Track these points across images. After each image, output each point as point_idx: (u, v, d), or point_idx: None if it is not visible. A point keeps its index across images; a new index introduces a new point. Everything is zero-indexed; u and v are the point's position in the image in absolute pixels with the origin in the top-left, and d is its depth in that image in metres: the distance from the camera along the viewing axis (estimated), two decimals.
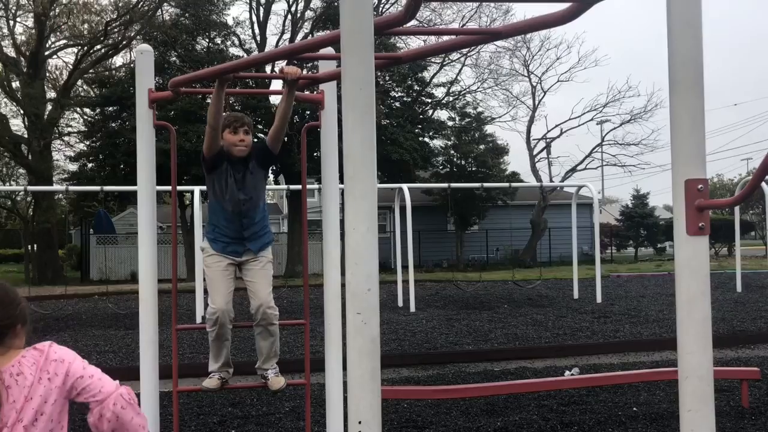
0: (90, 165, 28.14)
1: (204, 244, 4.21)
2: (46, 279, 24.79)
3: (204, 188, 15.24)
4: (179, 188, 16.68)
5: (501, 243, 32.28)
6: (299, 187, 15.98)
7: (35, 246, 27.57)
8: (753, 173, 1.98)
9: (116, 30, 26.71)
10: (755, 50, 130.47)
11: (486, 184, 19.21)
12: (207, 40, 28.74)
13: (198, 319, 12.68)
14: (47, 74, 28.66)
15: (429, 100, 32.87)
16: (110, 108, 27.45)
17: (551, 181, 30.04)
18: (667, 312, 12.21)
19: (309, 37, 27.11)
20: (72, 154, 30.06)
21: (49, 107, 27.25)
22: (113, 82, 27.64)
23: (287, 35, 29.22)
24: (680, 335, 1.88)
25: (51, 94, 28.74)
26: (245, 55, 27.87)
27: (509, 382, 6.44)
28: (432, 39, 22.26)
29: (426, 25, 29.07)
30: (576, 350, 8.87)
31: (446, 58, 30.47)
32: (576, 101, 79.02)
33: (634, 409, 5.69)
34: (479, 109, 32.82)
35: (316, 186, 15.98)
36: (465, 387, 6.15)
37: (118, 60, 30.98)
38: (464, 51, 29.39)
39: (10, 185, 32.59)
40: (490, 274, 23.73)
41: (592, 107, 31.87)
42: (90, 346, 9.88)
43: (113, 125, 27.26)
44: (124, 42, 27.17)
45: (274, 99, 27.72)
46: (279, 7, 62.19)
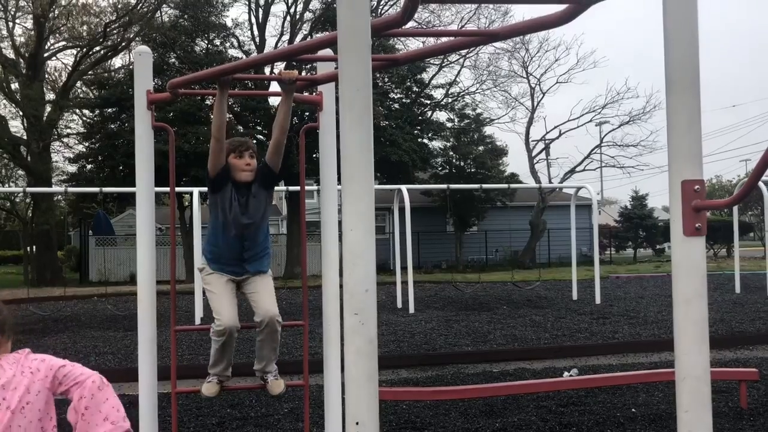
0: (89, 166, 28.14)
1: (202, 264, 4.15)
2: (45, 280, 24.79)
3: (203, 189, 15.27)
4: (178, 189, 16.69)
5: (500, 244, 32.29)
6: (298, 189, 15.95)
7: (34, 247, 27.57)
8: (750, 174, 1.98)
9: (115, 31, 26.72)
10: (754, 52, 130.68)
11: (485, 186, 19.23)
12: (206, 42, 28.75)
13: (197, 321, 12.68)
14: (46, 76, 28.66)
15: (428, 102, 32.88)
16: (109, 109, 27.46)
17: (550, 183, 30.07)
18: (666, 313, 12.21)
19: (308, 39, 27.12)
20: (71, 156, 30.07)
21: (48, 109, 27.26)
22: (112, 84, 27.66)
23: (286, 36, 29.23)
24: (677, 336, 1.88)
25: (50, 96, 28.75)
26: (244, 57, 27.88)
27: (508, 383, 6.45)
28: (430, 40, 22.29)
29: (424, 27, 29.10)
30: (575, 351, 8.88)
31: (445, 60, 30.50)
32: (575, 102, 79.34)
33: (633, 410, 5.69)
34: (478, 111, 32.88)
35: (315, 187, 15.99)
36: (464, 388, 6.15)
37: (117, 61, 31.01)
38: (463, 52, 29.41)
39: (9, 187, 32.57)
40: (489, 275, 23.73)
41: (591, 108, 31.95)
42: (89, 348, 9.88)
43: (112, 127, 27.26)
44: (123, 43, 27.18)
45: (274, 100, 27.76)
46: (278, 9, 62.14)
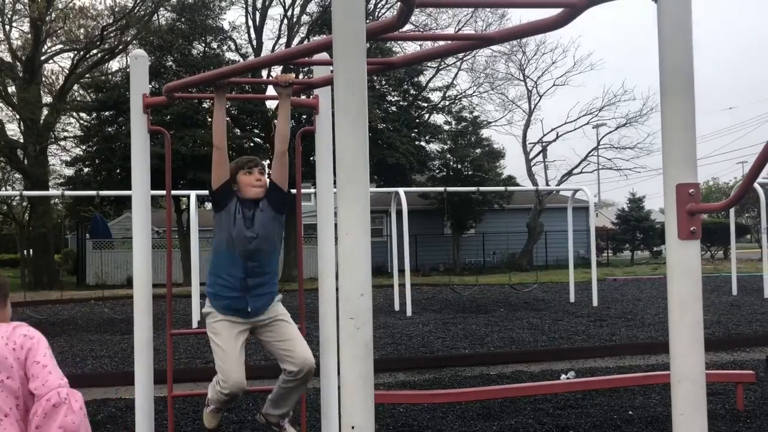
0: (86, 170, 28.13)
1: (207, 308, 3.81)
2: (42, 284, 24.75)
3: (200, 192, 15.25)
4: (175, 193, 16.70)
5: (497, 247, 32.32)
6: (294, 192, 15.91)
7: (31, 251, 27.53)
8: (744, 177, 1.99)
9: (112, 35, 26.72)
10: (750, 54, 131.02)
11: (482, 188, 19.28)
12: (203, 45, 28.77)
13: (194, 324, 12.67)
14: (43, 79, 28.63)
15: (425, 104, 32.93)
16: (106, 112, 27.44)
17: (547, 185, 30.13)
18: (663, 315, 12.23)
19: (305, 42, 27.13)
20: (68, 159, 30.04)
21: (45, 112, 27.23)
22: (109, 87, 27.64)
23: (283, 40, 29.25)
24: (672, 339, 1.89)
25: (47, 99, 28.72)
26: (241, 60, 27.89)
27: (505, 386, 6.45)
28: (427, 44, 22.32)
29: (421, 30, 29.13)
30: (572, 354, 8.88)
31: (442, 63, 30.56)
32: (572, 105, 79.47)
33: (630, 413, 5.69)
34: (475, 113, 32.93)
35: (312, 190, 15.98)
36: (461, 391, 6.15)
37: (114, 65, 31.00)
38: (459, 55, 29.45)
39: (6, 190, 32.53)
40: (487, 278, 23.74)
41: (588, 111, 32.01)
42: (86, 351, 9.86)
43: (109, 130, 27.25)
44: (120, 47, 27.18)
45: (271, 104, 27.76)
46: (275, 12, 62.12)
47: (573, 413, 5.72)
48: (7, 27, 27.80)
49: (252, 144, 28.68)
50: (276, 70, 23.95)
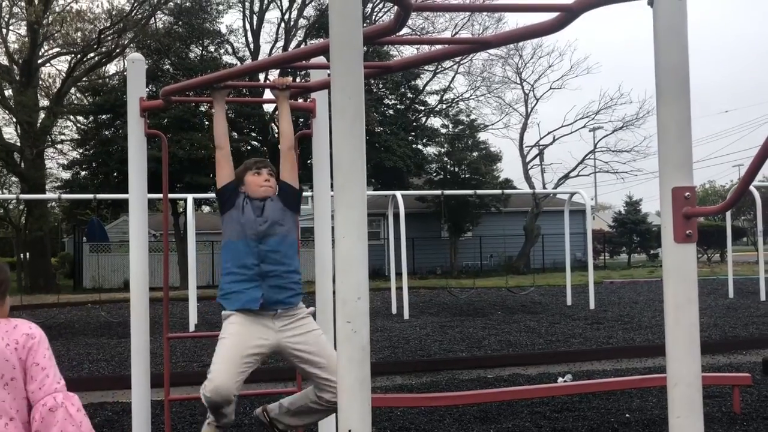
0: (83, 173, 28.09)
1: (227, 311, 3.50)
2: (39, 287, 24.69)
3: (197, 196, 15.25)
4: (172, 196, 16.67)
5: (494, 250, 32.32)
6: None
7: (28, 254, 27.47)
8: (740, 180, 1.99)
9: (109, 38, 26.70)
10: (746, 58, 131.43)
11: (479, 191, 19.27)
12: (200, 48, 28.79)
13: (191, 328, 12.65)
14: (40, 82, 28.60)
15: (422, 108, 32.97)
16: (103, 116, 27.42)
17: (544, 188, 30.13)
18: (660, 318, 12.23)
19: (302, 45, 27.17)
20: (65, 162, 29.99)
21: (42, 115, 27.19)
22: (106, 90, 27.63)
23: (280, 43, 29.31)
24: (668, 342, 1.90)
25: (44, 102, 28.69)
26: (239, 63, 27.91)
27: (502, 389, 6.44)
28: (424, 47, 22.33)
29: (418, 34, 29.19)
30: (569, 357, 8.88)
31: (439, 66, 30.60)
32: (568, 108, 79.52)
33: (627, 416, 5.69)
34: (472, 117, 32.97)
35: (309, 193, 15.93)
36: (458, 394, 6.14)
37: (112, 68, 31.00)
38: (456, 59, 29.50)
39: (3, 193, 32.46)
40: (484, 281, 23.74)
41: (585, 114, 32.02)
42: (82, 355, 9.84)
43: (106, 133, 27.23)
44: (118, 50, 27.17)
45: (268, 107, 27.78)
46: (272, 16, 62.17)
47: (570, 416, 5.72)
48: (4, 30, 27.78)
49: (249, 147, 28.70)
50: (273, 74, 23.99)
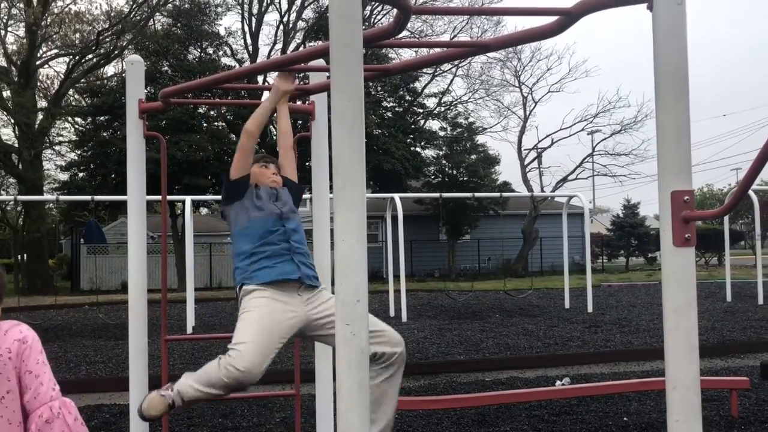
0: (81, 174, 28.09)
1: (245, 292, 3.22)
2: (36, 289, 24.66)
3: (195, 198, 15.23)
4: (170, 198, 16.67)
5: (492, 252, 32.34)
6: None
7: (25, 256, 27.44)
8: (739, 184, 2.00)
9: (108, 39, 26.71)
10: (745, 61, 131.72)
11: (477, 194, 19.28)
12: (199, 50, 28.79)
13: (188, 330, 12.64)
14: (38, 83, 28.60)
15: (421, 110, 32.99)
16: (101, 117, 27.43)
17: (542, 191, 30.15)
18: (658, 321, 12.24)
19: (301, 48, 27.18)
20: (63, 164, 30.01)
21: (40, 116, 27.18)
22: (105, 92, 27.63)
23: (279, 45, 29.32)
24: (667, 346, 1.90)
25: (42, 104, 28.68)
26: (237, 65, 27.91)
27: (500, 392, 6.44)
28: (423, 50, 22.37)
29: (417, 37, 29.22)
30: (567, 360, 8.88)
31: (438, 69, 30.63)
32: (567, 111, 79.65)
33: (625, 419, 5.70)
34: (470, 119, 33.00)
35: (308, 195, 15.95)
36: (456, 397, 6.14)
37: (110, 69, 31.01)
38: (455, 62, 29.55)
39: (0, 195, 32.43)
40: (482, 284, 23.74)
41: (583, 117, 32.05)
42: (80, 357, 9.82)
43: (104, 135, 27.22)
44: (116, 51, 27.17)
45: None
46: (271, 18, 62.16)
47: (568, 419, 5.72)
48: (3, 31, 27.78)
49: None
50: (271, 76, 23.98)
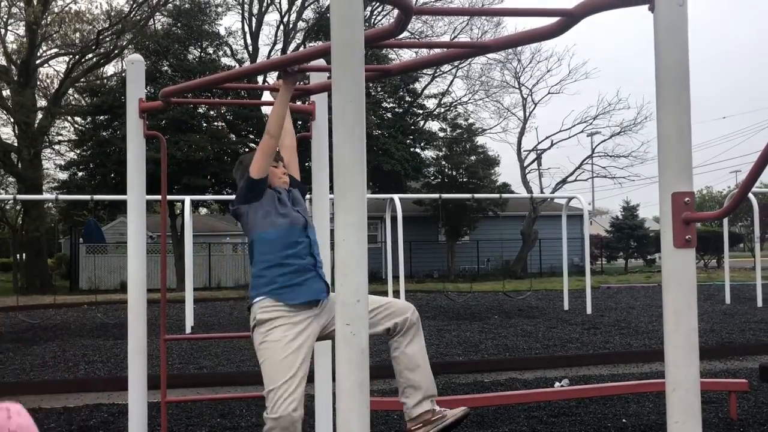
0: (80, 174, 28.07)
1: (261, 313, 3.07)
2: (35, 288, 24.64)
3: (195, 197, 15.21)
4: (170, 197, 16.66)
5: (492, 254, 32.34)
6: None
7: (24, 255, 27.42)
8: (739, 186, 2.00)
9: (108, 39, 26.71)
10: (744, 63, 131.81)
11: (477, 195, 19.27)
12: (199, 50, 28.79)
13: (187, 330, 12.63)
14: (38, 83, 28.60)
15: (420, 111, 32.99)
16: (101, 117, 27.42)
17: (542, 193, 30.16)
18: (657, 323, 12.24)
19: (301, 48, 27.19)
20: (62, 163, 29.99)
21: (40, 116, 27.18)
22: (104, 91, 27.63)
23: (279, 45, 29.32)
24: (667, 347, 1.89)
25: (42, 103, 28.68)
26: (237, 65, 27.91)
27: (499, 393, 6.44)
28: (423, 51, 22.39)
29: (418, 37, 29.24)
30: (566, 361, 8.88)
31: (437, 70, 30.65)
32: (566, 113, 79.64)
33: (624, 421, 5.69)
34: (470, 121, 33.00)
35: (308, 196, 15.92)
36: (455, 398, 6.13)
37: (110, 69, 31.02)
38: (455, 63, 29.56)
39: (0, 194, 32.41)
40: (481, 285, 23.74)
41: (583, 119, 32.06)
42: (78, 356, 9.81)
43: (104, 134, 27.21)
44: (116, 51, 27.18)
45: (266, 109, 27.76)
46: (271, 18, 62.21)
47: (567, 421, 5.71)
48: (3, 30, 27.78)
49: (247, 149, 28.71)
50: (271, 77, 23.98)
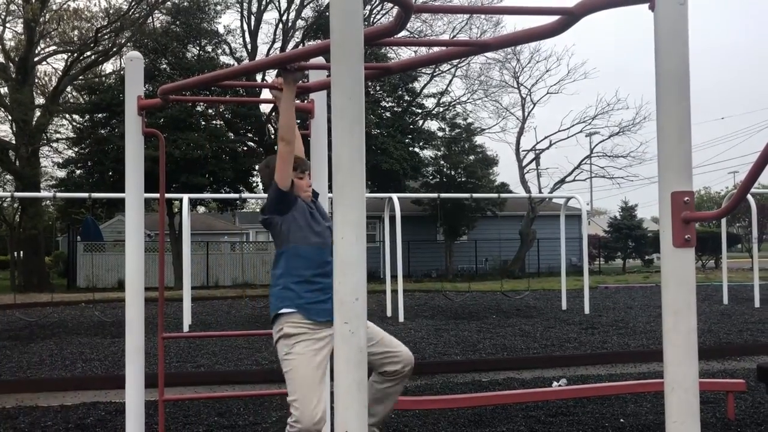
0: (78, 172, 28.02)
1: (289, 327, 3.17)
2: (33, 286, 24.62)
3: (193, 196, 15.17)
4: (168, 196, 16.65)
5: (490, 253, 32.35)
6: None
7: (22, 253, 27.39)
8: (739, 186, 1.99)
9: (106, 37, 26.69)
10: (743, 64, 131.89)
11: (475, 195, 19.28)
12: (198, 48, 28.75)
13: (185, 328, 12.61)
14: (36, 80, 28.56)
15: (419, 111, 32.99)
16: (99, 115, 27.37)
17: (540, 193, 30.19)
18: (655, 323, 12.25)
19: (300, 46, 27.16)
20: (60, 161, 29.94)
21: (38, 113, 27.15)
22: (103, 89, 27.58)
23: (278, 44, 29.28)
24: (666, 347, 1.89)
25: (40, 100, 28.64)
26: (236, 64, 27.88)
27: (497, 393, 6.44)
28: (422, 50, 22.36)
29: (417, 36, 29.23)
30: (564, 361, 8.88)
31: (436, 69, 30.64)
32: (565, 113, 79.88)
33: (621, 421, 5.69)
34: (469, 120, 33.01)
35: None
36: (452, 397, 6.14)
37: (108, 67, 30.99)
38: (454, 62, 29.56)
39: None
40: (479, 285, 23.74)
41: (581, 119, 32.11)
42: (75, 354, 9.80)
43: (102, 132, 27.17)
44: (115, 49, 27.15)
45: (265, 108, 27.76)
46: (270, 16, 62.19)
47: (564, 420, 5.71)
48: (1, 28, 27.73)
49: (246, 148, 28.68)
50: (270, 75, 23.96)
